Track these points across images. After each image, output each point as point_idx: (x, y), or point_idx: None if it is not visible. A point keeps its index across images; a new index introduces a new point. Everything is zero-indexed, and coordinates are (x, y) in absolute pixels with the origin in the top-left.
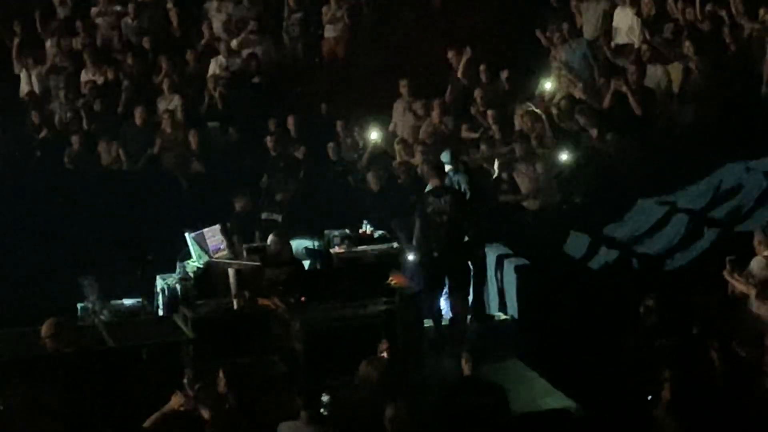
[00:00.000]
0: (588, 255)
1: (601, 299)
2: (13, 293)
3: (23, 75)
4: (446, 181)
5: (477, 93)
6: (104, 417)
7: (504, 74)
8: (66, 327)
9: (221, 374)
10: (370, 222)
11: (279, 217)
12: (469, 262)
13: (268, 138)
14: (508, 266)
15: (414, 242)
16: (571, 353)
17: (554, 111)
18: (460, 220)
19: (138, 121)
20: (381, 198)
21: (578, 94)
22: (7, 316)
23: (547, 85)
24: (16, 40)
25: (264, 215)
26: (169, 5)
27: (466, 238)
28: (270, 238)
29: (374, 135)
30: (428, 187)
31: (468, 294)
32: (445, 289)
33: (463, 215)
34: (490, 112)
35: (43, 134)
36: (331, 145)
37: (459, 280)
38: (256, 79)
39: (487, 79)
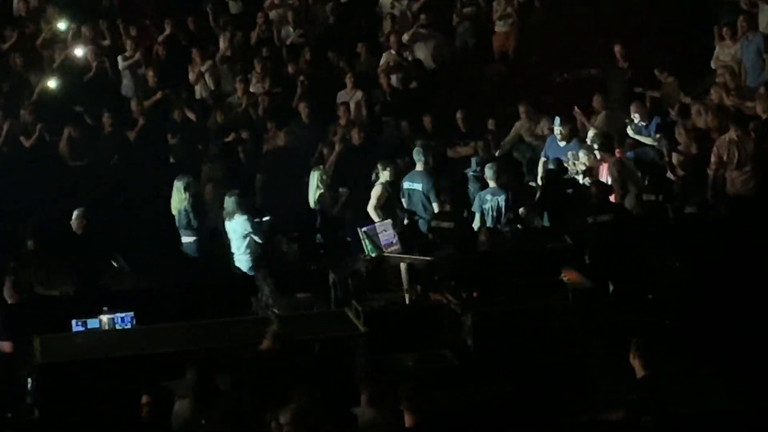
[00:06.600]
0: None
1: None
2: (189, 285)
3: (199, 84)
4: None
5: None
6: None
7: (657, 71)
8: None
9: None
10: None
11: (450, 225)
12: None
13: None
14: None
15: None
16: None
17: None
18: None
19: (303, 116)
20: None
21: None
22: (181, 309)
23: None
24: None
25: (433, 223)
26: None
27: None
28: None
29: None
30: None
31: None
32: None
33: None
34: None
35: (230, 137)
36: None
37: None
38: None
39: (665, 76)
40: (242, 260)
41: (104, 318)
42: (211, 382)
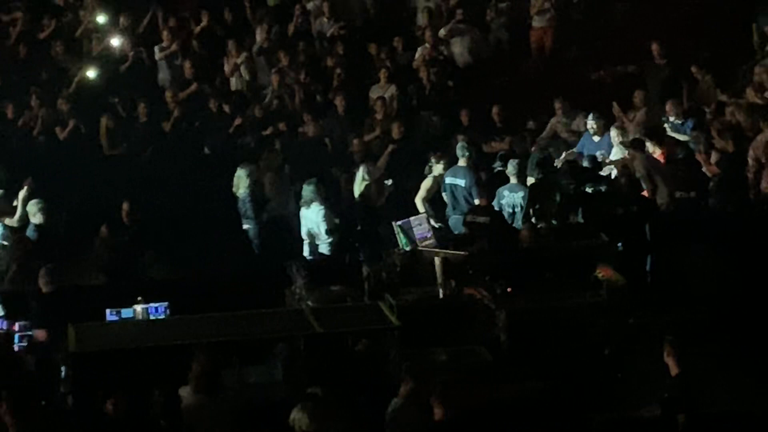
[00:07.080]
0: None
1: None
2: (222, 279)
3: (234, 76)
4: None
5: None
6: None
7: (694, 69)
8: None
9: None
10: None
11: (486, 219)
12: None
13: None
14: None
15: None
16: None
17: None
18: None
19: (339, 108)
20: None
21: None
22: (216, 299)
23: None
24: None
25: (468, 218)
26: None
27: None
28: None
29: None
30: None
31: None
32: None
33: None
34: None
35: (269, 131)
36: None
37: None
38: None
39: (702, 74)
40: (324, 248)
41: (138, 308)
42: (215, 373)
